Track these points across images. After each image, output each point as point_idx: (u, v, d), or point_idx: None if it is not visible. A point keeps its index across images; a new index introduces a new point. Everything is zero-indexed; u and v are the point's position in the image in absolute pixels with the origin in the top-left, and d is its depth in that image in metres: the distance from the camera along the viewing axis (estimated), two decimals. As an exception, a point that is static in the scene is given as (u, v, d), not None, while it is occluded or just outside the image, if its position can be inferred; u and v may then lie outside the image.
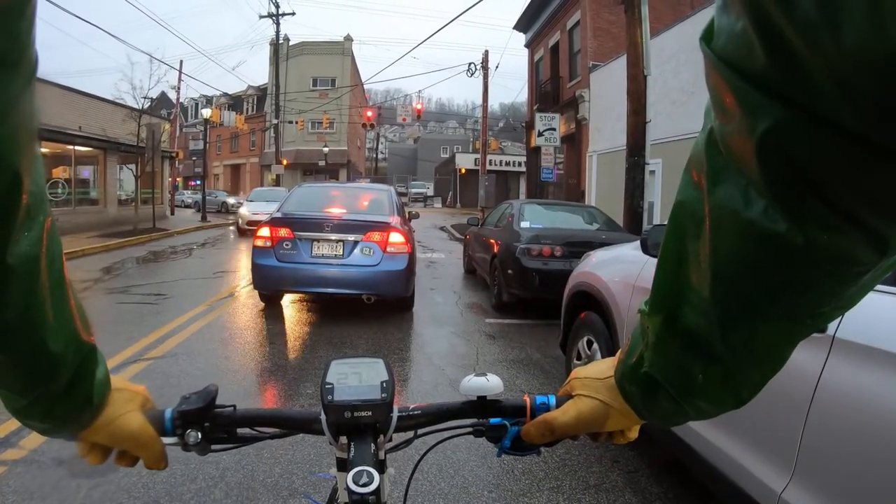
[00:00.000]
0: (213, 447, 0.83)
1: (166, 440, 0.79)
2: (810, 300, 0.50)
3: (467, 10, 17.66)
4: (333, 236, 6.88)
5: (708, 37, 0.41)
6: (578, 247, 6.88)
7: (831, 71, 0.32)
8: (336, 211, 7.47)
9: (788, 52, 0.33)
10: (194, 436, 0.79)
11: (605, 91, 17.85)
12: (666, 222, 0.59)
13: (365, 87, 54.21)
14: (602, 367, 0.79)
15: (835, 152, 0.35)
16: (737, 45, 0.37)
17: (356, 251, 6.86)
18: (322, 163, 42.11)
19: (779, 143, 0.38)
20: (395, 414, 0.83)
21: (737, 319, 0.54)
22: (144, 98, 19.77)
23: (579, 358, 4.21)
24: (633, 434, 0.82)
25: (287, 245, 6.87)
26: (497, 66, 26.37)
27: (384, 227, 6.97)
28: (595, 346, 3.95)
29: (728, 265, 0.50)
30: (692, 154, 0.52)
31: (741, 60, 0.37)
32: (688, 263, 0.56)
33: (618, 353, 0.77)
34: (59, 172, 17.89)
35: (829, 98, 0.33)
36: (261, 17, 36.86)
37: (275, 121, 35.36)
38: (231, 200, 34.60)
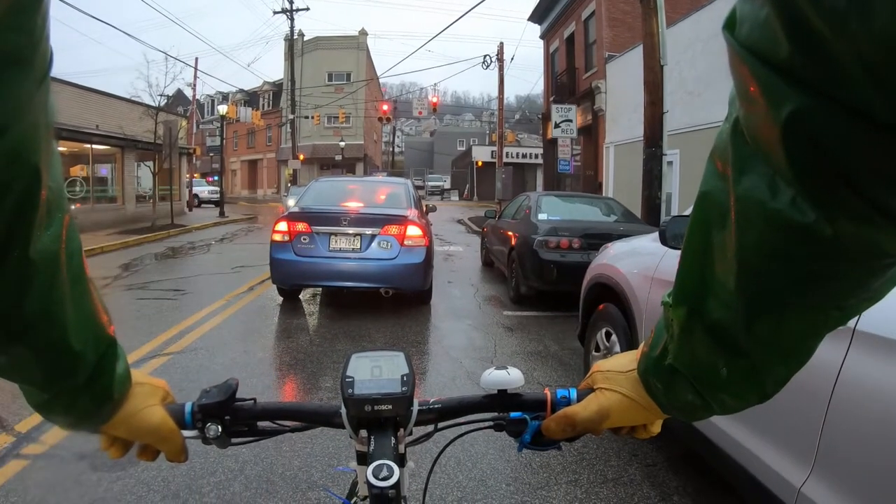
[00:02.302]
0: (234, 440, 0.83)
1: (186, 434, 0.79)
2: (838, 292, 0.49)
3: (481, 1, 17.55)
4: (351, 230, 6.90)
5: (731, 25, 0.40)
6: (596, 239, 6.86)
7: (859, 58, 0.31)
8: (353, 205, 7.48)
9: (815, 39, 0.32)
10: (214, 429, 0.79)
11: (622, 82, 17.70)
12: (683, 213, 0.58)
13: (380, 80, 54.20)
14: (624, 361, 0.78)
15: (863, 141, 0.34)
16: (761, 34, 0.36)
17: (374, 245, 6.87)
18: (339, 157, 42.29)
19: (805, 132, 0.36)
20: (416, 408, 0.82)
21: (763, 311, 0.53)
22: (161, 95, 19.90)
23: (598, 349, 4.19)
24: (656, 428, 0.81)
25: (305, 239, 6.90)
26: (512, 58, 26.21)
27: (401, 221, 6.98)
28: (614, 337, 3.93)
29: (754, 256, 0.49)
30: (716, 144, 0.51)
31: (766, 49, 0.36)
32: (713, 255, 0.55)
33: (641, 346, 0.75)
34: (78, 171, 18.10)
35: (856, 86, 0.32)
36: (275, 12, 36.77)
37: (291, 116, 35.46)
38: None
